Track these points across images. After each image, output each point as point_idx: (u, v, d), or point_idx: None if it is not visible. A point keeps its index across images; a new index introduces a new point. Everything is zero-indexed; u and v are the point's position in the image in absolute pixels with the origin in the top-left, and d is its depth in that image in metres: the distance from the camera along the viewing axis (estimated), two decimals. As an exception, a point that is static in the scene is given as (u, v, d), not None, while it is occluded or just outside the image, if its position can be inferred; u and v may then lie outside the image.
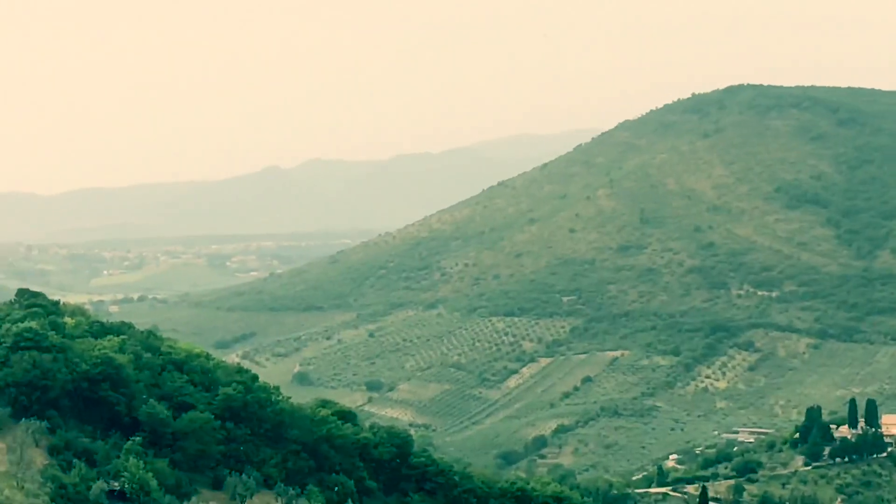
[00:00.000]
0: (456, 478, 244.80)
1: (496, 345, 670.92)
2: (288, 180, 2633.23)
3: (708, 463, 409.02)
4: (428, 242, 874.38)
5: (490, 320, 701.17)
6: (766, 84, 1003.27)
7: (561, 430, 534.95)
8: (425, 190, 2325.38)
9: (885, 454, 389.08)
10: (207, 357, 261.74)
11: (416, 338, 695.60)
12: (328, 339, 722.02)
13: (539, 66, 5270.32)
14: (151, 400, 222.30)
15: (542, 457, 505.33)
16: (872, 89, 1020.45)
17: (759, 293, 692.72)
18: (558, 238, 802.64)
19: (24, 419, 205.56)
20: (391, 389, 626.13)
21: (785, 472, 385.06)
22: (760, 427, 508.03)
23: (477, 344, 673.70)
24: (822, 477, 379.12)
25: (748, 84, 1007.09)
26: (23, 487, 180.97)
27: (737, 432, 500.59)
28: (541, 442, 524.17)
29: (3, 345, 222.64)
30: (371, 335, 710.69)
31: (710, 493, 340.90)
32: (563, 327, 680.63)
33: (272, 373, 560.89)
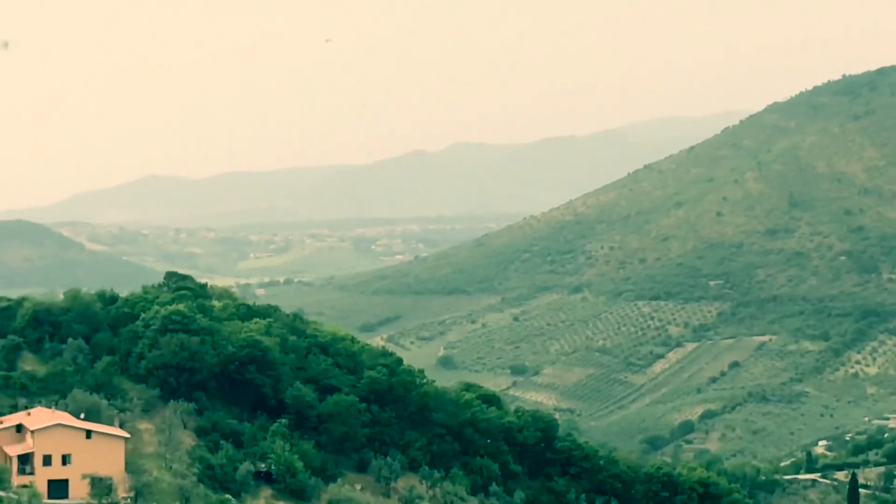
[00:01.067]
0: (601, 462, 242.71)
1: (642, 329, 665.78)
2: (433, 164, 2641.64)
3: (858, 449, 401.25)
4: (573, 226, 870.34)
5: (636, 304, 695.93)
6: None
7: (707, 416, 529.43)
8: (570, 173, 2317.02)
9: None
10: (352, 340, 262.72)
11: (561, 322, 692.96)
12: (472, 322, 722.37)
13: (687, 48, 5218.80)
14: (297, 382, 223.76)
15: (689, 442, 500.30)
16: None
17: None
18: (705, 221, 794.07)
19: (172, 401, 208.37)
20: (536, 373, 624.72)
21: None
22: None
23: (622, 328, 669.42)
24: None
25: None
26: (171, 468, 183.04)
27: (888, 418, 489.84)
28: (687, 427, 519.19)
29: (152, 327, 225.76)
30: (515, 319, 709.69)
31: (860, 480, 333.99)
32: (710, 312, 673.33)
33: (416, 356, 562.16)
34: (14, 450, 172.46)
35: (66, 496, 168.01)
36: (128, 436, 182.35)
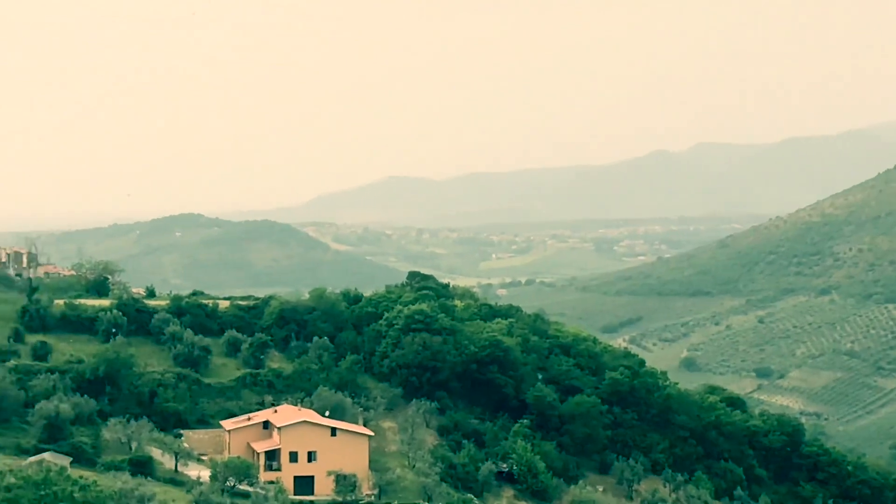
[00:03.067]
0: (849, 468, 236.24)
1: (892, 332, 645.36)
2: (676, 164, 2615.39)
3: None
4: (820, 227, 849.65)
5: (886, 307, 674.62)
6: None
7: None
8: (817, 173, 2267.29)
9: None
10: (594, 341, 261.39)
11: (808, 324, 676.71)
12: (716, 324, 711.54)
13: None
14: (539, 383, 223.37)
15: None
16: None
17: None
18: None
19: (414, 399, 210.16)
20: (781, 377, 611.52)
21: None
22: None
23: (871, 331, 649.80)
24: None
25: None
26: (414, 466, 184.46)
27: None
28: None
29: (395, 326, 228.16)
30: (760, 321, 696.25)
31: None
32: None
33: (659, 358, 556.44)
34: (261, 446, 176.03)
35: (311, 493, 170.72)
36: (372, 434, 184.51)
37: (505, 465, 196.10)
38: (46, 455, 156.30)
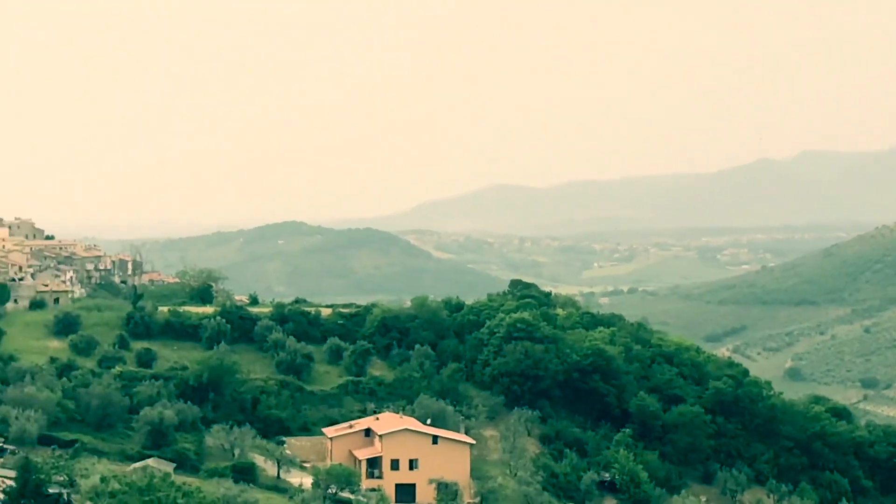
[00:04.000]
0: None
1: None
2: (780, 172, 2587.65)
3: None
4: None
5: None
6: None
7: None
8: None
9: None
10: (697, 350, 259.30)
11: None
12: (821, 334, 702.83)
13: None
14: (641, 392, 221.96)
15: None
16: None
17: None
18: None
19: (516, 408, 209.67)
20: (888, 387, 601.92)
21: None
22: None
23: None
24: None
25: None
26: (515, 475, 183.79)
27: None
28: None
29: (497, 335, 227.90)
30: (867, 331, 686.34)
31: None
32: None
33: (763, 367, 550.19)
34: (363, 453, 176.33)
35: (413, 501, 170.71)
36: (473, 442, 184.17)
37: (607, 475, 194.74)
38: (150, 461, 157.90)
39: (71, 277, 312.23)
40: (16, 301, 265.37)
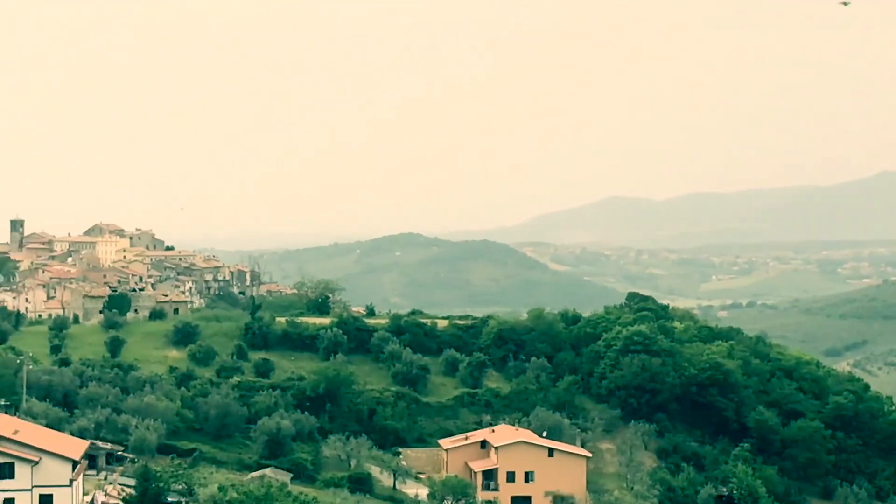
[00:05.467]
0: None
1: None
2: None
3: None
4: None
5: None
6: None
7: None
8: None
9: None
10: (817, 365, 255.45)
11: None
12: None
13: None
14: (760, 406, 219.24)
15: None
16: None
17: None
18: None
19: (633, 421, 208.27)
20: None
21: None
22: None
23: None
24: None
25: None
26: (632, 488, 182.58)
27: None
28: None
29: (614, 347, 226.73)
30: None
31: None
32: None
33: (884, 383, 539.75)
34: (479, 465, 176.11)
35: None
36: (589, 455, 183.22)
37: (725, 489, 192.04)
38: (268, 471, 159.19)
39: (190, 288, 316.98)
40: (136, 311, 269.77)
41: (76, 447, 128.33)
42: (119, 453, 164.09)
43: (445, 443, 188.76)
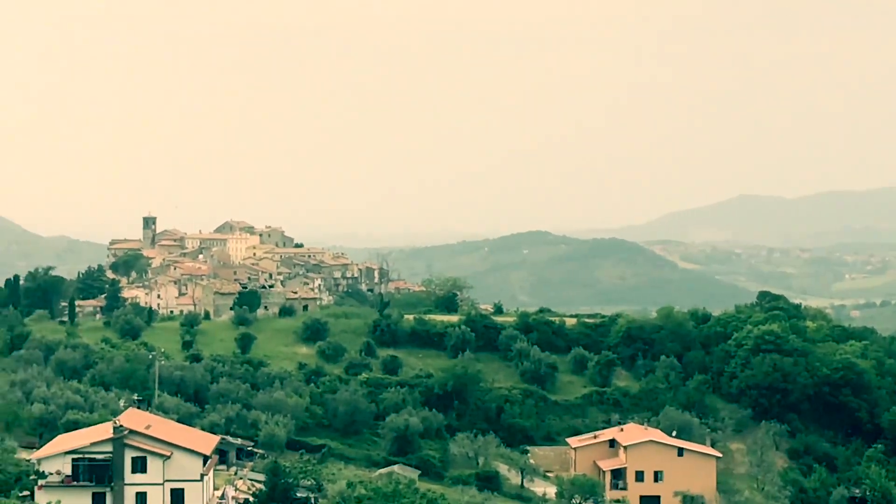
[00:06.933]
0: None
1: None
2: None
3: None
4: None
5: None
6: None
7: None
8: None
9: None
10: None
11: None
12: None
13: None
14: (894, 407, 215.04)
15: None
16: None
17: None
18: None
19: (764, 421, 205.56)
20: None
21: None
22: None
23: None
24: None
25: None
26: (763, 489, 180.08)
27: None
28: None
29: (745, 347, 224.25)
30: None
31: None
32: None
33: None
34: (607, 464, 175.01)
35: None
36: (719, 455, 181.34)
37: (858, 491, 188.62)
38: (396, 467, 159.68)
39: (319, 285, 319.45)
40: (266, 308, 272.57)
41: (207, 442, 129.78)
42: (249, 448, 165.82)
43: (573, 441, 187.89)
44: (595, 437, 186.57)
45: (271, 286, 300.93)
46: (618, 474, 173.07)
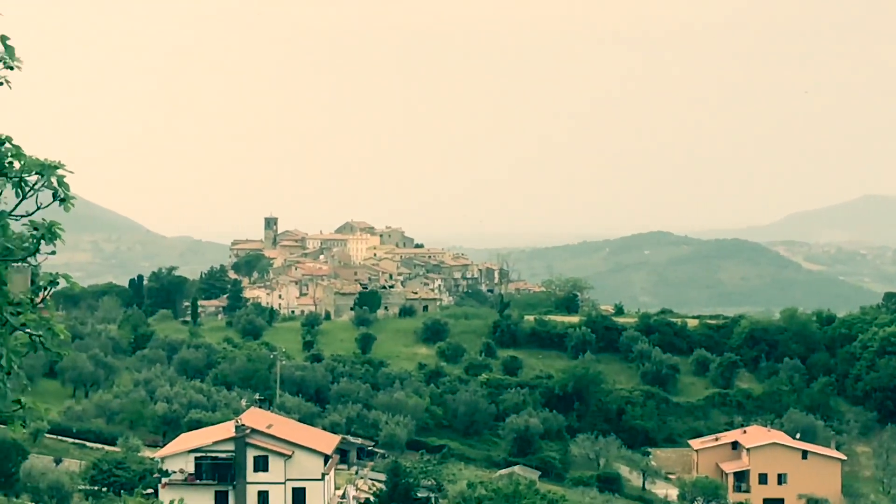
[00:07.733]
0: None
1: None
2: None
3: None
4: None
5: None
6: None
7: None
8: None
9: None
10: None
11: None
12: None
13: None
14: None
15: None
16: None
17: None
18: None
19: (890, 424, 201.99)
20: None
21: None
22: None
23: None
24: None
25: None
26: (889, 493, 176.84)
27: None
28: None
29: (871, 348, 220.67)
30: None
31: None
32: None
33: None
34: (730, 467, 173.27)
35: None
36: (844, 458, 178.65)
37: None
38: (516, 468, 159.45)
39: (439, 285, 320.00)
40: (386, 308, 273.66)
41: (328, 442, 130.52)
42: (369, 448, 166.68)
43: (696, 443, 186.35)
44: (717, 439, 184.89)
45: (391, 286, 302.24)
46: (740, 477, 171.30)
